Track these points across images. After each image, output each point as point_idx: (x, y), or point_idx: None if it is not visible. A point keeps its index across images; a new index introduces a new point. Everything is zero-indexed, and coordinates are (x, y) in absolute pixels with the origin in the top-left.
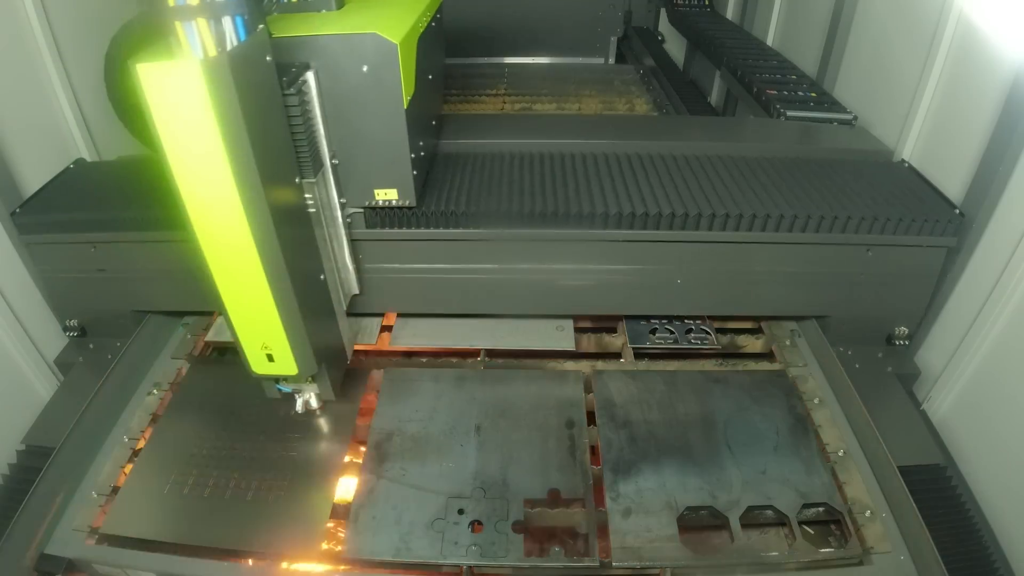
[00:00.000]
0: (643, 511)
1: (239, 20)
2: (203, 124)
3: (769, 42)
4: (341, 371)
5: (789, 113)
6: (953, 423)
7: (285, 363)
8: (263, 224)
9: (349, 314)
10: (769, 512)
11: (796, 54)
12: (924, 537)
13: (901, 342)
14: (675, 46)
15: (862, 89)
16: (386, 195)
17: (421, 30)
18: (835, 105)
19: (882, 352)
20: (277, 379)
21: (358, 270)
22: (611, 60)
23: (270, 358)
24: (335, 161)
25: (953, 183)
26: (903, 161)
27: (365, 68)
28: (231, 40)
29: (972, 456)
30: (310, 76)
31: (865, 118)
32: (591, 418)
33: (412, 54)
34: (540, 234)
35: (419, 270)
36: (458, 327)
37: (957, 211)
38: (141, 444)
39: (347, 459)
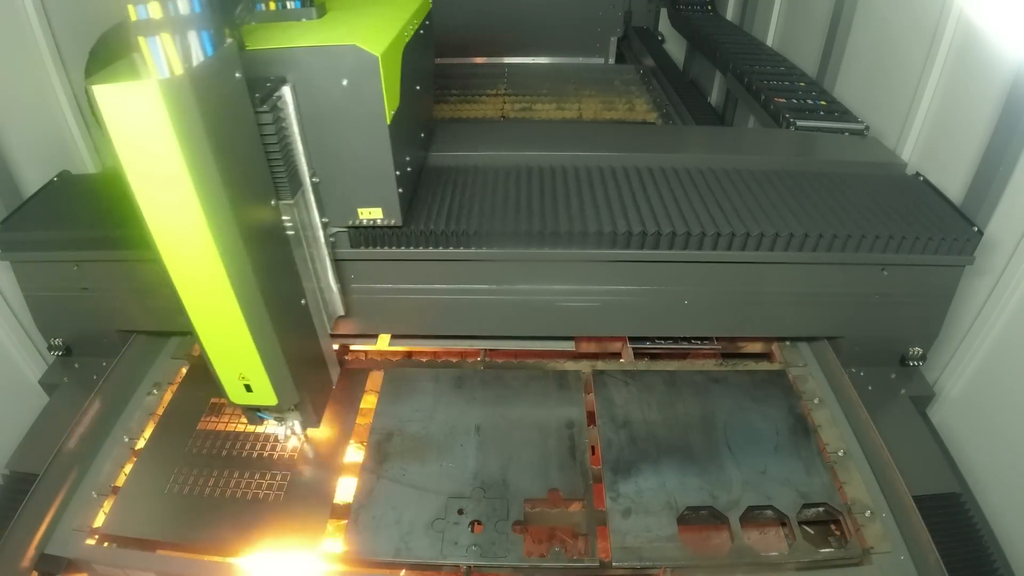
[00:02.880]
0: (643, 511)
1: (205, 35)
2: (165, 147)
3: (769, 42)
4: (325, 397)
5: (799, 123)
6: (951, 422)
7: (264, 393)
8: (234, 252)
9: (335, 337)
10: (769, 512)
11: (796, 54)
12: (924, 537)
13: (915, 363)
14: (675, 46)
15: (862, 89)
16: (370, 214)
17: (407, 39)
18: (846, 114)
19: (895, 373)
20: (257, 408)
21: (344, 291)
22: (611, 60)
23: (248, 388)
24: (315, 179)
25: (953, 183)
26: (917, 174)
27: (345, 82)
28: (197, 56)
29: (970, 456)
30: (286, 91)
31: (865, 118)
32: (591, 418)
33: (396, 66)
34: (540, 254)
35: (409, 291)
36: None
37: (975, 228)
38: (141, 444)
39: (347, 459)
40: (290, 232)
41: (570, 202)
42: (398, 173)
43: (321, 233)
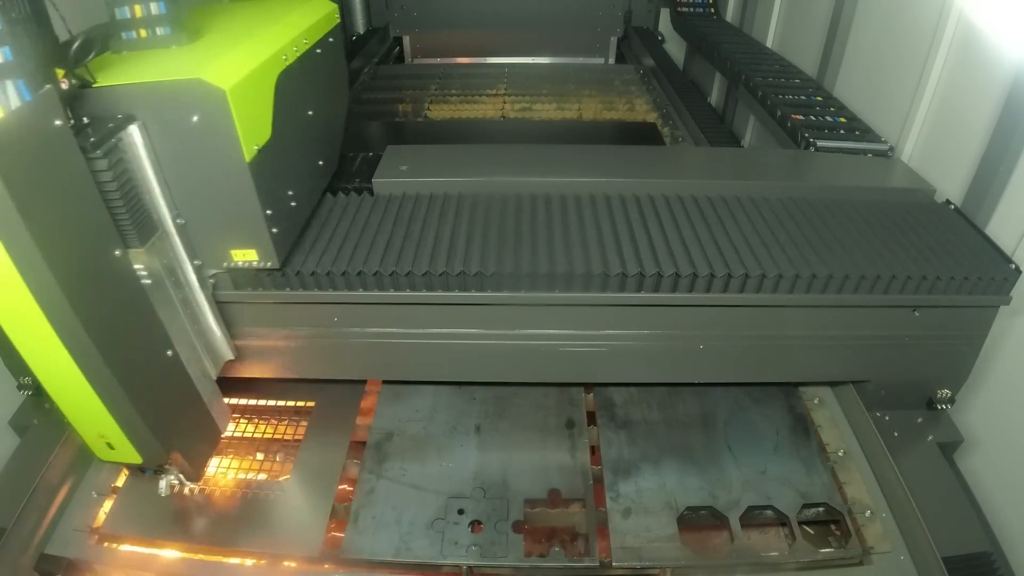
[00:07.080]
0: (643, 511)
1: (20, 84)
2: None
3: (768, 43)
4: (211, 447)
5: (820, 143)
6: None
7: (126, 451)
8: (59, 311)
9: (227, 379)
10: (769, 512)
11: (796, 55)
12: (924, 537)
13: (943, 406)
14: (675, 46)
15: (862, 90)
16: (245, 256)
17: (288, 62)
18: (868, 133)
19: (922, 417)
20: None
21: (232, 334)
22: (611, 60)
23: (110, 446)
24: (180, 221)
25: (953, 183)
26: (947, 202)
27: (195, 118)
28: (16, 105)
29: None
30: (134, 131)
31: (865, 118)
32: (591, 418)
33: (266, 94)
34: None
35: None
36: None
37: (1013, 266)
38: None
39: (347, 459)
40: (146, 280)
41: (552, 237)
42: (269, 212)
43: (194, 276)
